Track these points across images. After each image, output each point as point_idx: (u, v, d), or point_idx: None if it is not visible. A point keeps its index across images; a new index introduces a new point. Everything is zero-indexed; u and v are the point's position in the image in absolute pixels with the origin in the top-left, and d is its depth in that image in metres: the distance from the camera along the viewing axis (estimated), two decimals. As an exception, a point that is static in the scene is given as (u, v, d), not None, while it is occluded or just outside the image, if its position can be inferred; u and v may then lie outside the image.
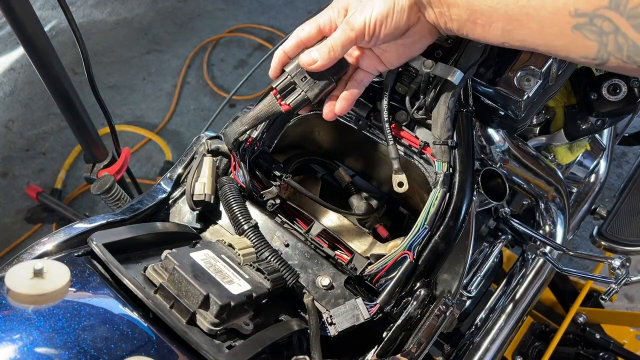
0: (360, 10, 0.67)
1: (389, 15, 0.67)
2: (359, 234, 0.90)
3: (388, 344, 0.73)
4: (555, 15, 0.57)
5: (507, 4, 0.60)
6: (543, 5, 0.57)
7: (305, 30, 0.72)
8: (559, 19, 0.57)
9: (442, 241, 0.78)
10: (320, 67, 0.71)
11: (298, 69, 0.73)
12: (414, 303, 0.75)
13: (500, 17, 0.62)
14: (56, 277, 0.52)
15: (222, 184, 0.81)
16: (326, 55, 0.70)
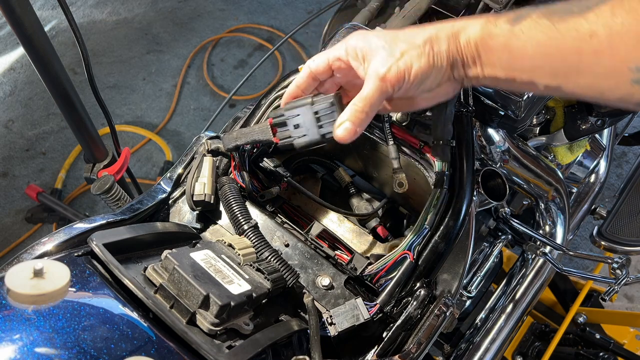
0: (397, 65, 0.63)
1: (427, 74, 0.63)
2: (359, 234, 0.90)
3: (388, 344, 0.73)
4: (612, 71, 0.53)
5: (554, 62, 0.57)
6: (597, 63, 0.54)
7: (315, 62, 0.70)
8: (617, 74, 0.53)
9: (442, 241, 0.78)
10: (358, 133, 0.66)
11: (296, 114, 0.70)
12: (414, 303, 0.75)
13: (544, 75, 0.58)
14: (56, 277, 0.52)
15: (222, 184, 0.81)
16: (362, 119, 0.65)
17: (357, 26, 0.98)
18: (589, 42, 0.53)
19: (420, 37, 0.64)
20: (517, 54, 0.59)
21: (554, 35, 0.55)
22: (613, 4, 0.52)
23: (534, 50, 0.57)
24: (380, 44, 0.64)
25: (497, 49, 0.60)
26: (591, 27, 0.53)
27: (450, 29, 0.63)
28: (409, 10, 0.86)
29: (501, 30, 0.60)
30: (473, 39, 0.61)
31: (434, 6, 0.85)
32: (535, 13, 0.58)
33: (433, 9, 0.85)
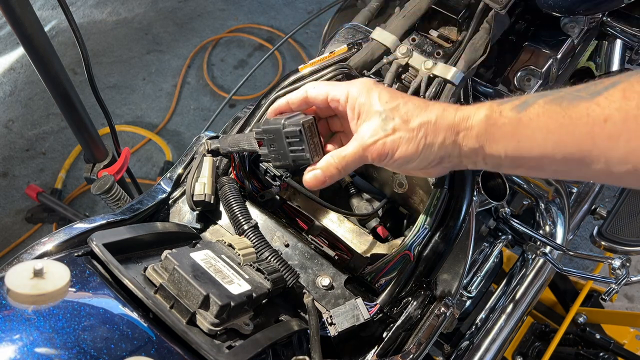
0: (384, 141, 0.62)
1: (412, 159, 0.62)
2: (359, 234, 0.90)
3: (388, 344, 0.73)
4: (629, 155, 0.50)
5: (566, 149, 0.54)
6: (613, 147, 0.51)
7: (316, 90, 0.68)
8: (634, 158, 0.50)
9: (442, 241, 0.78)
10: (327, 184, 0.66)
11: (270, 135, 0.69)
12: (414, 303, 0.75)
13: (554, 162, 0.56)
14: (56, 277, 0.52)
15: (222, 184, 0.81)
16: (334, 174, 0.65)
17: (357, 26, 0.98)
18: (603, 126, 0.51)
19: (417, 120, 0.61)
20: (525, 142, 0.56)
21: (565, 122, 0.53)
22: (624, 88, 0.51)
23: (544, 137, 0.55)
24: (379, 110, 0.63)
25: (503, 139, 0.58)
26: (604, 112, 0.51)
27: (452, 119, 0.60)
28: (409, 10, 0.86)
29: (508, 119, 0.57)
30: (475, 131, 0.59)
31: (434, 6, 0.85)
32: (542, 99, 0.56)
33: (433, 9, 0.85)
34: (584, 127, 0.52)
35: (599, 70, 1.14)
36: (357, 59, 0.86)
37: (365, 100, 0.64)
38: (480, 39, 0.82)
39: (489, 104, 0.60)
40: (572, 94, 0.54)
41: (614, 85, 0.51)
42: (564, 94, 0.55)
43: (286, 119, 0.68)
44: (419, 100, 0.64)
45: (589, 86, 0.54)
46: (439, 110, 0.61)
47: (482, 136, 0.59)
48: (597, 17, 0.94)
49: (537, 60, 0.88)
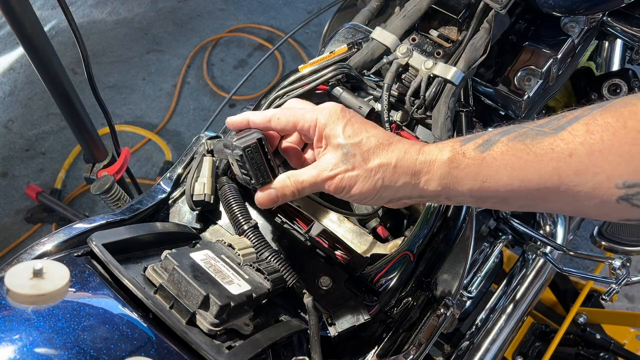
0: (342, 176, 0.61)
1: (369, 197, 0.62)
2: (359, 234, 0.90)
3: (388, 345, 0.73)
4: (596, 189, 0.50)
5: (531, 186, 0.53)
6: (579, 182, 0.51)
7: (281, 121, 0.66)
8: (601, 192, 0.50)
9: (442, 241, 0.78)
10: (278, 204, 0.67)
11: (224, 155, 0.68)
12: (414, 303, 0.75)
13: (521, 198, 0.56)
14: (56, 277, 0.52)
15: (221, 184, 0.81)
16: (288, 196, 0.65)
17: (357, 26, 0.98)
18: (569, 162, 0.51)
19: (376, 161, 0.61)
20: (490, 182, 0.56)
21: (529, 159, 0.53)
22: (586, 122, 0.51)
23: (509, 175, 0.54)
24: (341, 144, 0.62)
25: (467, 180, 0.57)
26: (568, 147, 0.51)
27: (413, 163, 0.60)
28: (409, 10, 0.86)
29: (471, 159, 0.57)
30: (438, 174, 0.59)
31: (434, 6, 0.85)
32: (505, 137, 0.56)
33: (433, 9, 0.85)
34: (549, 163, 0.52)
35: (599, 70, 1.14)
36: (357, 58, 0.86)
37: (330, 131, 0.63)
38: (481, 39, 0.82)
39: (452, 144, 0.60)
40: (535, 129, 0.54)
41: (577, 120, 0.51)
42: (527, 130, 0.55)
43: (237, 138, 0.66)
44: (383, 135, 0.63)
45: (551, 121, 0.54)
46: (401, 153, 0.61)
47: (445, 179, 0.59)
48: (597, 17, 0.94)
49: (537, 60, 0.88)
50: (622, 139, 0.48)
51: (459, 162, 0.58)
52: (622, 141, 0.48)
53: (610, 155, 0.49)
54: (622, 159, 0.49)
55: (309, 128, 0.65)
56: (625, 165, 0.49)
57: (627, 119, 0.49)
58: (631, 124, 0.48)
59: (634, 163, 0.48)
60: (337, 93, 0.84)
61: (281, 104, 0.84)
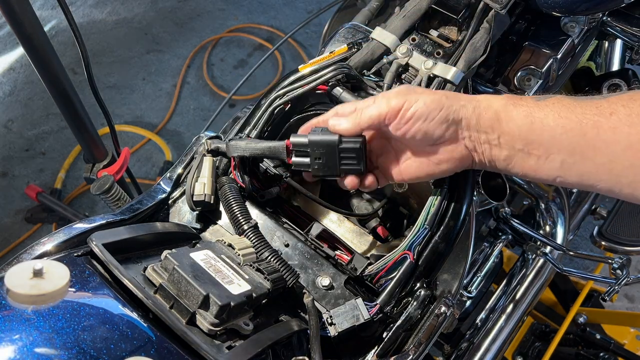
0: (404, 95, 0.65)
1: (429, 116, 0.64)
2: (359, 234, 0.90)
3: (388, 344, 0.73)
4: (629, 148, 0.55)
5: (573, 136, 0.58)
6: (615, 140, 0.55)
7: (345, 108, 0.72)
8: (633, 153, 0.55)
9: (442, 241, 0.78)
10: (344, 130, 0.69)
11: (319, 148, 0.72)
12: (414, 303, 0.75)
13: (562, 149, 0.59)
14: (56, 277, 0.52)
15: (222, 184, 0.81)
16: (352, 119, 0.68)
17: (357, 26, 0.98)
18: (609, 118, 0.56)
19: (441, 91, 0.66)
20: (538, 124, 0.60)
21: (575, 110, 0.58)
22: (631, 94, 0.57)
23: (555, 122, 0.59)
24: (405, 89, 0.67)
25: (518, 117, 0.61)
26: (611, 107, 0.56)
27: (474, 97, 0.65)
28: (409, 10, 0.86)
29: (526, 101, 0.62)
30: (496, 105, 0.63)
31: (434, 6, 0.85)
32: (558, 96, 0.62)
33: (433, 9, 0.85)
34: (591, 117, 0.57)
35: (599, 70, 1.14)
36: (357, 58, 0.86)
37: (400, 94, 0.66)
38: (481, 39, 0.82)
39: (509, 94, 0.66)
40: (587, 97, 0.60)
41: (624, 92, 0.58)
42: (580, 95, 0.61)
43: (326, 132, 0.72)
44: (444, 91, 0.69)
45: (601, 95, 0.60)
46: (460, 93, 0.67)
47: (500, 111, 0.62)
48: (597, 17, 0.94)
49: (537, 60, 0.88)
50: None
51: (515, 101, 0.63)
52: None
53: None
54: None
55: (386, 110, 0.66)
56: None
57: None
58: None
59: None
60: (337, 93, 0.84)
61: (281, 104, 0.85)
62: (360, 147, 0.71)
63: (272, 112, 0.85)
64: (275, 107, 0.85)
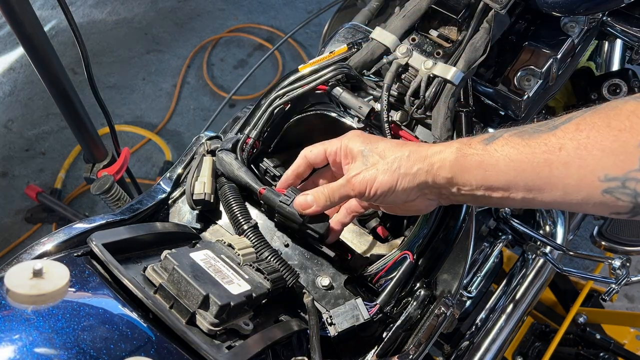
0: (364, 174, 0.68)
1: (390, 190, 0.67)
2: (359, 234, 0.90)
3: (388, 344, 0.73)
4: (582, 181, 0.56)
5: (526, 176, 0.59)
6: (567, 174, 0.56)
7: (313, 152, 0.76)
8: (586, 184, 0.56)
9: (442, 241, 0.78)
10: (313, 212, 0.73)
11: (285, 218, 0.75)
12: (414, 303, 0.75)
13: (519, 189, 0.60)
14: (56, 277, 0.52)
15: (221, 183, 0.81)
16: (322, 202, 0.72)
17: (357, 26, 0.98)
18: (558, 154, 0.57)
19: (392, 154, 0.68)
20: (491, 171, 0.61)
21: (525, 150, 0.59)
22: (577, 122, 0.57)
23: (507, 165, 0.60)
24: (361, 150, 0.70)
25: (471, 168, 0.63)
26: (559, 141, 0.57)
27: (425, 152, 0.66)
28: (409, 10, 0.86)
29: (476, 150, 0.63)
30: (448, 162, 0.64)
31: (434, 6, 0.85)
32: (507, 133, 0.62)
33: (433, 9, 0.85)
34: (541, 155, 0.58)
35: (599, 70, 1.14)
36: (357, 58, 0.86)
37: (352, 144, 0.72)
38: (480, 39, 0.82)
39: (460, 139, 0.66)
40: (534, 128, 0.60)
41: (570, 120, 0.58)
42: (527, 128, 0.61)
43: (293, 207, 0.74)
44: (397, 141, 0.72)
45: (549, 122, 0.60)
46: (413, 147, 0.68)
47: (454, 166, 0.64)
48: (597, 17, 0.94)
49: (537, 60, 0.88)
50: (604, 136, 0.54)
51: (465, 151, 0.63)
52: (604, 137, 0.54)
53: (594, 150, 0.55)
54: (603, 153, 0.54)
55: (336, 150, 0.74)
56: (607, 160, 0.54)
57: (611, 119, 0.55)
58: (614, 124, 0.54)
59: (614, 158, 0.54)
60: (337, 93, 0.84)
61: (281, 104, 0.85)
62: (324, 232, 0.75)
63: (272, 112, 0.85)
64: (275, 107, 0.85)
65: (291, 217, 0.75)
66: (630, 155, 0.53)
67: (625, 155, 0.53)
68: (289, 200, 0.74)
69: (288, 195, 0.75)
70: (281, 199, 0.75)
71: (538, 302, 1.44)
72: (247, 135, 0.85)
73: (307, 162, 0.77)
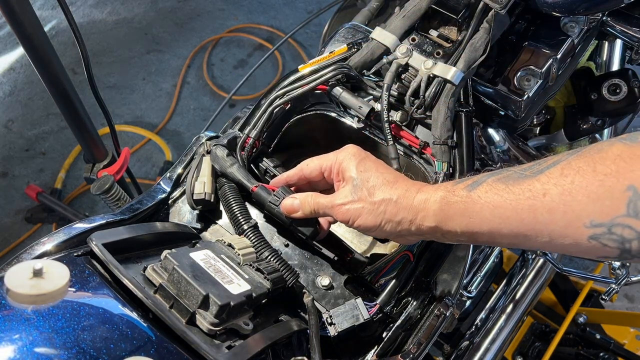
0: (349, 207, 0.68)
1: (373, 229, 0.67)
2: (359, 234, 0.90)
3: (388, 344, 0.73)
4: (567, 228, 0.54)
5: (510, 223, 0.58)
6: (552, 220, 0.55)
7: (309, 167, 0.75)
8: (572, 231, 0.54)
9: (442, 241, 0.78)
10: (298, 217, 0.74)
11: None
12: (414, 303, 0.75)
13: (504, 236, 0.60)
14: (56, 277, 0.52)
15: (221, 183, 0.81)
16: (307, 211, 0.72)
17: (357, 26, 0.98)
18: (542, 200, 0.55)
19: (381, 195, 0.66)
20: (475, 218, 0.60)
21: (508, 197, 0.57)
22: (562, 166, 0.55)
23: (491, 213, 0.59)
24: (353, 177, 0.69)
25: (455, 216, 0.62)
26: (543, 187, 0.55)
27: (412, 201, 0.65)
28: (409, 10, 0.86)
29: (460, 197, 0.62)
30: (432, 211, 0.64)
31: (434, 6, 0.85)
32: (490, 179, 0.60)
33: (433, 9, 0.85)
34: (525, 202, 0.56)
35: (599, 70, 1.14)
36: (357, 58, 0.86)
37: (345, 165, 0.70)
38: (480, 39, 0.82)
39: (445, 185, 0.65)
40: (518, 172, 0.59)
41: (555, 164, 0.56)
42: (512, 173, 0.59)
43: None
44: (390, 174, 0.69)
45: (534, 165, 0.58)
46: (402, 191, 0.66)
47: (438, 215, 0.63)
48: (597, 17, 0.94)
49: (537, 60, 0.88)
50: (589, 180, 0.52)
51: (450, 199, 0.62)
52: (590, 183, 0.52)
53: (578, 196, 0.53)
54: (589, 199, 0.52)
55: (331, 166, 0.73)
56: (592, 205, 0.52)
57: (596, 163, 0.53)
58: (600, 168, 0.52)
59: (599, 203, 0.52)
60: (337, 93, 0.84)
61: (281, 104, 0.85)
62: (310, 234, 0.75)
63: (272, 112, 0.85)
64: (275, 107, 0.85)
65: (279, 217, 0.75)
66: (617, 200, 0.51)
67: (611, 201, 0.51)
68: (277, 201, 0.75)
69: (277, 195, 0.75)
70: (270, 199, 0.75)
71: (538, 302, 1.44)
72: (247, 135, 0.85)
73: (302, 176, 0.77)
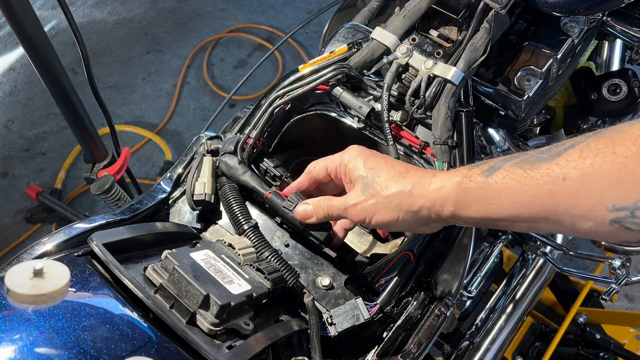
0: (363, 205, 0.67)
1: (391, 223, 0.67)
2: (359, 234, 0.90)
3: (388, 344, 0.73)
4: (589, 212, 0.53)
5: (532, 209, 0.57)
6: (573, 205, 0.54)
7: (316, 168, 0.75)
8: (594, 214, 0.53)
9: (442, 241, 0.78)
10: (312, 222, 0.74)
11: None
12: (414, 303, 0.75)
13: (524, 219, 0.59)
14: (56, 277, 0.52)
15: (222, 183, 0.81)
16: (321, 216, 0.72)
17: (357, 26, 0.98)
18: (562, 184, 0.54)
19: (394, 188, 0.65)
20: (494, 205, 0.59)
21: (527, 182, 0.56)
22: (581, 148, 0.54)
23: (510, 199, 0.58)
24: (362, 175, 0.68)
25: (474, 203, 0.61)
26: (562, 171, 0.54)
27: (427, 188, 0.64)
28: (409, 10, 0.86)
29: (477, 183, 0.61)
30: (450, 198, 0.62)
31: (434, 6, 0.85)
32: (507, 163, 0.59)
33: (433, 9, 0.85)
34: (545, 186, 0.55)
35: (599, 70, 1.14)
36: (357, 58, 0.86)
37: (352, 165, 0.69)
38: (481, 39, 0.82)
39: (461, 171, 0.63)
40: (535, 156, 0.57)
41: (573, 146, 0.54)
42: (529, 156, 0.58)
43: None
44: (400, 165, 0.68)
45: (551, 148, 0.57)
46: (416, 179, 0.65)
47: (456, 202, 0.62)
48: (597, 17, 0.94)
49: (537, 60, 0.88)
50: (610, 163, 0.51)
51: (467, 185, 0.61)
52: (610, 166, 0.51)
53: (599, 179, 0.52)
54: (610, 182, 0.51)
55: (336, 167, 0.72)
56: (614, 189, 0.51)
57: (616, 144, 0.51)
58: (620, 150, 0.51)
59: (621, 186, 0.51)
60: (337, 93, 0.84)
61: (281, 104, 0.85)
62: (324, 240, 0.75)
63: (272, 112, 0.85)
64: (276, 107, 0.85)
65: (293, 222, 0.76)
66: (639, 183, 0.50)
67: (634, 184, 0.50)
68: (291, 207, 0.75)
69: (291, 200, 0.75)
70: (284, 205, 0.76)
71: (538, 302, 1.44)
72: (247, 135, 0.85)
73: (310, 178, 0.77)
